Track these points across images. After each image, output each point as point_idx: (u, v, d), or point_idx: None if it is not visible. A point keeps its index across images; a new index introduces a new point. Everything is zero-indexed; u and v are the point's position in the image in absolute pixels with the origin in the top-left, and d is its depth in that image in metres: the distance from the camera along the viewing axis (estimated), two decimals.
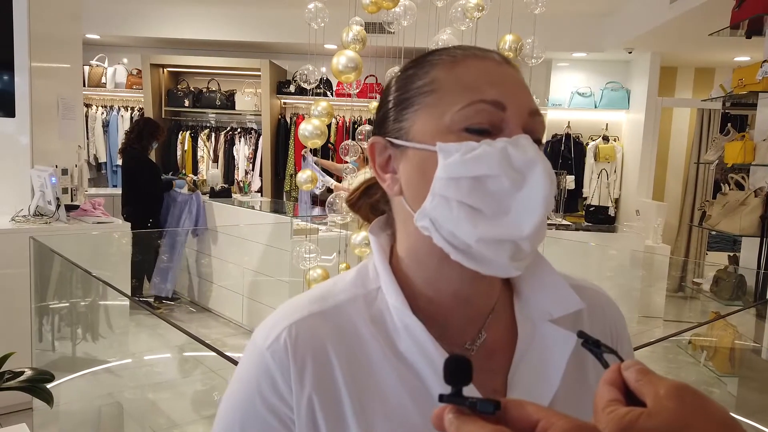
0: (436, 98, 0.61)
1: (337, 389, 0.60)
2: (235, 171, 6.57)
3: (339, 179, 5.41)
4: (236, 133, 6.62)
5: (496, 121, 0.59)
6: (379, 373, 0.60)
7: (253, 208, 5.13)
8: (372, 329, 0.62)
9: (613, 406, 0.42)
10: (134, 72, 6.55)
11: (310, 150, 5.16)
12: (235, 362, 1.46)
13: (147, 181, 5.02)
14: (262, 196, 6.31)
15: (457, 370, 0.41)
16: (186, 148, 6.60)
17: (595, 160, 6.19)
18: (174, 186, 5.25)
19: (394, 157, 0.64)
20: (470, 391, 0.59)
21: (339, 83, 6.22)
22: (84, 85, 5.92)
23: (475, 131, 0.58)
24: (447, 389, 0.57)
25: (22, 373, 1.46)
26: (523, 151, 0.57)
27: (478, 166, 0.56)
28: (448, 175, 0.57)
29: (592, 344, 0.49)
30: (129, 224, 3.92)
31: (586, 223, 5.54)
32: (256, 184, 6.48)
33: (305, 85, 2.50)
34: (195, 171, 6.53)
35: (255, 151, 6.54)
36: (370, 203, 0.74)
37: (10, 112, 3.63)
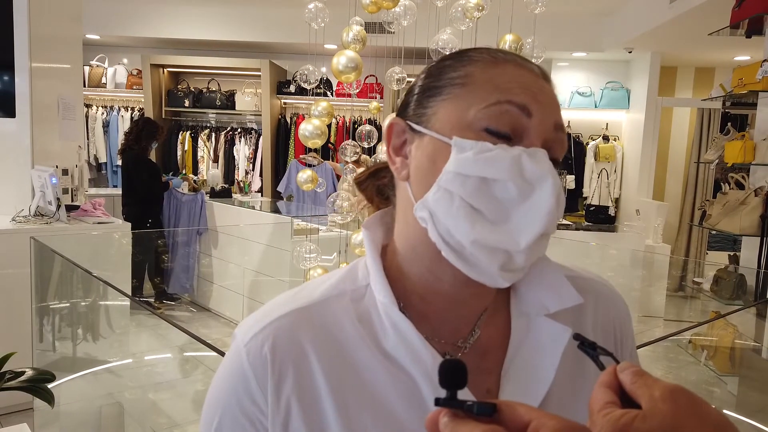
0: (465, 91, 0.60)
1: (318, 393, 0.59)
2: (236, 171, 6.57)
3: (338, 177, 5.44)
4: (236, 133, 6.62)
5: (519, 127, 0.58)
6: (366, 371, 0.59)
7: (253, 208, 5.14)
8: (358, 327, 0.61)
9: (608, 408, 0.42)
10: (134, 72, 6.55)
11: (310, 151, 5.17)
12: None
13: (146, 181, 5.02)
14: (262, 196, 6.31)
15: (452, 374, 0.41)
16: (186, 148, 6.60)
17: (596, 160, 6.20)
18: (171, 186, 5.25)
19: (409, 142, 0.63)
20: (463, 390, 0.58)
21: (339, 83, 6.22)
22: (84, 86, 5.92)
23: (495, 133, 0.57)
24: (435, 387, 0.57)
25: (23, 373, 1.46)
26: (537, 163, 0.56)
27: (488, 168, 0.55)
28: (457, 170, 0.56)
29: (588, 346, 0.49)
30: (129, 224, 3.92)
31: (586, 223, 5.55)
32: (256, 184, 6.48)
33: (305, 85, 2.50)
34: (195, 171, 6.54)
35: (255, 151, 6.54)
36: (377, 185, 0.73)
37: (10, 113, 3.63)
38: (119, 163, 6.55)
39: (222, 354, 1.62)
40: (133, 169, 4.99)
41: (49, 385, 1.50)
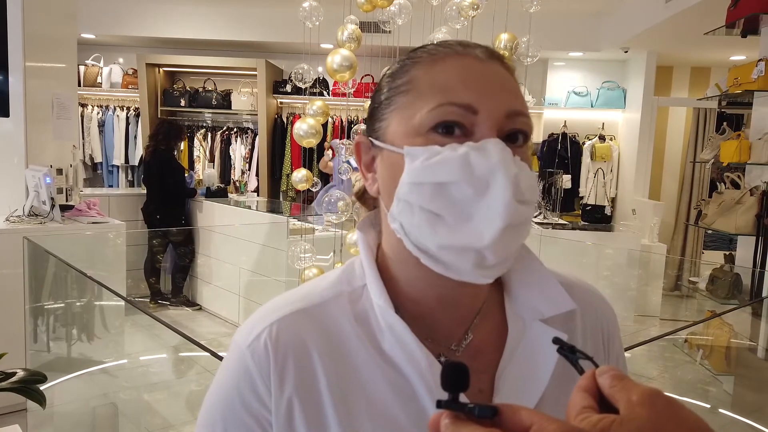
0: (410, 98, 0.59)
1: (318, 390, 0.59)
2: (232, 171, 6.55)
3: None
4: (232, 132, 6.60)
5: (467, 123, 0.57)
6: (364, 371, 0.60)
7: (249, 207, 5.13)
8: (356, 327, 0.62)
9: (585, 413, 0.41)
10: (130, 72, 6.53)
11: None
12: None
13: (179, 181, 5.12)
14: (258, 195, 6.30)
15: (454, 377, 0.42)
16: (182, 148, 6.57)
17: (592, 160, 6.20)
18: (197, 193, 5.37)
19: (376, 157, 0.64)
20: None
21: (335, 82, 6.21)
22: (79, 85, 5.90)
23: (442, 128, 0.57)
24: (430, 388, 0.59)
25: (14, 374, 1.45)
26: (486, 156, 0.55)
27: (439, 172, 0.55)
28: (411, 179, 0.56)
29: (567, 350, 0.49)
30: (124, 224, 3.90)
31: (582, 223, 5.54)
32: (252, 184, 6.47)
33: (301, 85, 2.49)
34: (191, 171, 6.52)
35: (251, 150, 6.53)
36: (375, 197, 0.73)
37: (4, 112, 3.61)
38: (116, 163, 6.55)
39: (215, 355, 1.61)
40: (166, 170, 5.06)
41: (43, 386, 1.49)
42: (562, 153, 6.21)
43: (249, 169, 6.53)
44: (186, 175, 5.39)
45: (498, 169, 0.54)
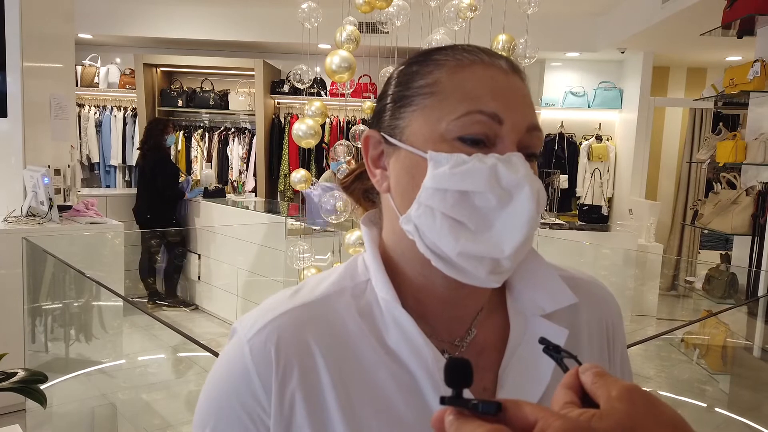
0: (435, 101, 0.60)
1: (321, 386, 0.59)
2: (229, 171, 6.55)
3: None
4: (230, 133, 6.60)
5: (491, 134, 0.58)
6: (368, 367, 0.60)
7: (247, 208, 5.13)
8: (360, 322, 0.62)
9: (567, 408, 0.42)
10: (127, 72, 6.53)
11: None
12: None
13: (168, 182, 5.10)
14: (256, 196, 6.30)
15: (457, 373, 0.42)
16: (179, 148, 6.58)
17: (589, 160, 6.22)
18: (186, 196, 5.34)
19: (387, 154, 0.64)
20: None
21: (333, 83, 6.21)
22: (77, 85, 5.89)
23: (469, 140, 0.58)
24: (435, 383, 0.59)
25: (15, 374, 1.46)
26: (513, 170, 0.56)
27: (465, 181, 0.56)
28: (435, 185, 0.57)
29: (552, 349, 0.50)
30: (122, 224, 3.90)
31: (579, 222, 5.57)
32: (250, 184, 6.47)
33: (299, 85, 2.50)
34: (189, 171, 6.52)
35: (249, 151, 6.53)
36: (364, 188, 0.73)
37: (2, 112, 3.60)
38: (113, 163, 6.54)
39: (215, 354, 1.62)
40: (159, 170, 5.05)
41: (42, 386, 1.50)
42: (558, 153, 6.23)
43: (246, 170, 6.53)
44: (182, 179, 5.38)
45: (525, 184, 0.56)
